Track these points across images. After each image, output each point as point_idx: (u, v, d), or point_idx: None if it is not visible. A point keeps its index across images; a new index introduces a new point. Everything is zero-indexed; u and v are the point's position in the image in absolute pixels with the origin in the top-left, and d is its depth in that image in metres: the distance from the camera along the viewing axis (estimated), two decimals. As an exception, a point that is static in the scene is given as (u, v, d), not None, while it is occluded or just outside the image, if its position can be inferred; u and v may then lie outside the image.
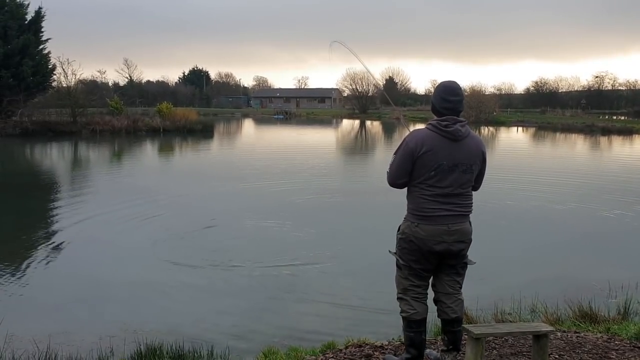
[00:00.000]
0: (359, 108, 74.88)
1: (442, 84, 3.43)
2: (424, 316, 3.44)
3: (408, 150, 3.28)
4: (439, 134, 3.27)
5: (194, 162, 21.68)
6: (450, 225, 3.30)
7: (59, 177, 17.08)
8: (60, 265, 7.44)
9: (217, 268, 7.31)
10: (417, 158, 3.26)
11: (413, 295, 3.43)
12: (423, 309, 3.44)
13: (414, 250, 3.36)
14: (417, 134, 3.32)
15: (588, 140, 35.19)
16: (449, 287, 3.46)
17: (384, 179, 3.53)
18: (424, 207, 3.30)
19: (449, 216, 3.31)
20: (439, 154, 3.25)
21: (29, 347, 4.67)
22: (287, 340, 4.87)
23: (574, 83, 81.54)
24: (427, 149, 3.24)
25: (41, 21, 36.97)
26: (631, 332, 4.26)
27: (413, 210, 3.37)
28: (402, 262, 3.46)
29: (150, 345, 4.52)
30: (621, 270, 7.15)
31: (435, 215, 3.29)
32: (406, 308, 3.44)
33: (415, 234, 3.33)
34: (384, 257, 7.75)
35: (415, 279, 3.43)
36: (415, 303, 3.42)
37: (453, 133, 3.26)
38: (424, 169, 3.27)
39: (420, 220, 3.32)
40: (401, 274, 3.49)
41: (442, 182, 3.28)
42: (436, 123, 3.30)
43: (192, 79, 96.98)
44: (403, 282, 3.48)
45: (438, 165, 3.25)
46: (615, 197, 12.73)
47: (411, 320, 3.42)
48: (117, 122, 34.38)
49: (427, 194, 3.30)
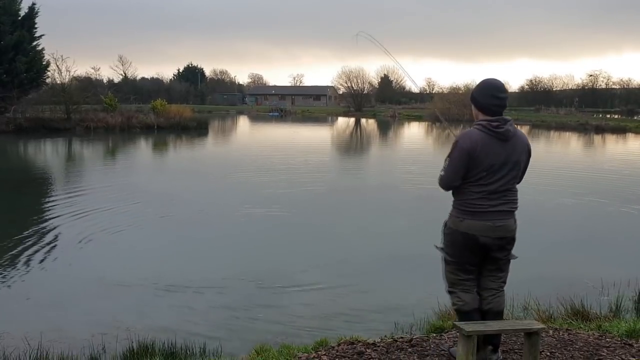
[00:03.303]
0: (354, 106, 74.85)
1: (489, 82, 3.44)
2: (474, 307, 3.51)
3: (464, 153, 3.31)
4: (489, 134, 3.31)
5: (188, 159, 21.60)
6: (495, 222, 3.37)
7: (51, 174, 17.00)
8: (51, 262, 7.40)
9: (209, 265, 7.29)
10: (472, 159, 3.30)
11: (462, 288, 3.51)
12: (472, 299, 3.52)
13: (460, 245, 3.44)
14: (469, 136, 3.34)
15: (581, 138, 35.32)
16: (490, 282, 3.55)
17: (380, 176, 3.54)
18: (471, 203, 3.37)
19: (495, 212, 3.38)
20: (491, 155, 3.30)
21: (20, 345, 4.65)
22: (280, 337, 4.87)
23: (568, 81, 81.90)
24: (481, 150, 3.29)
25: (35, 17, 36.69)
26: (622, 330, 4.27)
27: (460, 206, 3.43)
28: (449, 257, 3.51)
29: (143, 342, 4.52)
30: (613, 267, 7.18)
31: (482, 212, 3.36)
32: (456, 300, 3.53)
33: (461, 229, 3.40)
34: (376, 254, 7.79)
35: (462, 273, 3.50)
36: (464, 295, 3.50)
37: (504, 134, 3.31)
38: (476, 170, 3.33)
39: (467, 215, 3.38)
40: (449, 268, 3.55)
41: (492, 180, 3.34)
42: (486, 124, 3.32)
43: (186, 76, 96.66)
44: (451, 277, 3.55)
45: (490, 166, 3.32)
46: (608, 195, 12.79)
47: (462, 312, 3.51)
48: (111, 119, 34.27)
49: (475, 191, 3.36)
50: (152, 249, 8.09)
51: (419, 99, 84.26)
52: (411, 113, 64.54)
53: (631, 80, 78.61)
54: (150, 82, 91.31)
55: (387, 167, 18.83)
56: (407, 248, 8.15)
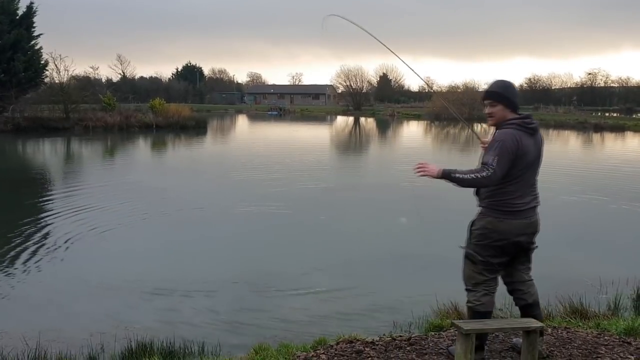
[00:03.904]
0: (353, 105, 74.81)
1: (509, 82, 3.59)
2: (490, 309, 3.57)
3: (510, 150, 3.35)
4: (524, 131, 3.42)
5: (187, 158, 21.58)
6: (530, 218, 3.50)
7: (50, 173, 16.99)
8: (49, 261, 7.38)
9: (207, 264, 7.29)
10: (517, 158, 3.36)
11: (484, 289, 3.55)
12: (490, 302, 3.58)
13: (495, 245, 3.47)
14: (511, 134, 3.38)
15: (580, 136, 35.34)
16: (525, 275, 3.66)
17: (378, 175, 3.54)
18: (511, 202, 3.43)
19: (529, 209, 3.49)
20: (529, 152, 3.42)
21: (18, 345, 4.65)
22: (278, 336, 4.87)
23: (567, 80, 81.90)
24: (522, 147, 3.38)
25: (33, 16, 36.64)
26: (620, 328, 4.28)
27: (499, 206, 3.45)
28: (480, 257, 3.52)
29: (141, 341, 4.52)
30: (612, 265, 7.19)
31: (521, 210, 3.45)
32: (473, 300, 3.57)
33: (499, 229, 3.44)
34: (373, 253, 7.79)
35: (488, 273, 3.54)
36: (485, 297, 3.55)
37: (535, 129, 3.47)
38: (518, 168, 3.39)
39: (507, 215, 3.44)
40: (475, 268, 3.56)
41: (527, 176, 3.45)
42: (521, 122, 3.43)
43: (185, 75, 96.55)
44: (476, 277, 3.57)
45: (529, 162, 3.43)
46: (607, 193, 12.80)
47: (476, 312, 3.55)
48: (109, 118, 34.22)
49: (512, 189, 3.42)
50: (150, 248, 8.08)
51: (417, 98, 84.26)
52: (410, 112, 64.53)
53: (630, 79, 78.68)
54: (149, 81, 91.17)
55: (385, 165, 18.83)
56: (405, 247, 8.15)
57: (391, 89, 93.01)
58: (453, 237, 8.92)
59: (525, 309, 3.68)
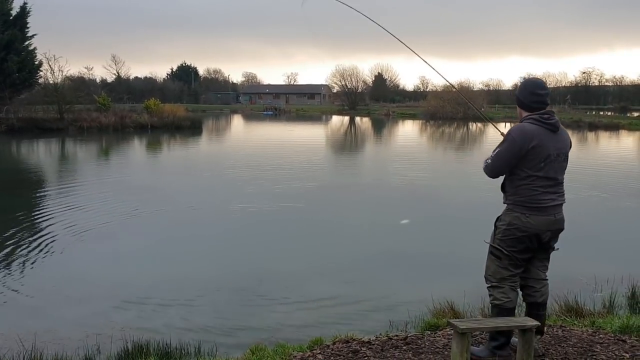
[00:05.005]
0: (349, 104, 74.81)
1: (530, 81, 3.66)
2: (514, 305, 3.60)
3: (516, 146, 3.42)
4: (543, 126, 3.44)
5: (182, 158, 21.54)
6: (556, 215, 3.53)
7: (44, 174, 16.92)
8: (45, 262, 7.36)
9: (205, 265, 7.28)
10: (527, 152, 3.40)
11: (510, 284, 3.58)
12: (516, 297, 3.61)
13: (521, 240, 3.50)
14: (523, 130, 3.44)
15: (575, 135, 35.45)
16: (541, 272, 3.68)
17: (373, 174, 3.55)
18: (536, 198, 3.46)
19: (555, 205, 3.52)
20: (547, 146, 3.43)
21: (14, 346, 4.62)
22: (275, 336, 4.86)
23: (561, 79, 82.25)
24: (537, 142, 3.40)
25: (26, 17, 36.54)
26: (615, 326, 4.30)
27: (524, 202, 3.48)
28: (506, 252, 3.54)
29: (137, 342, 4.51)
30: (607, 264, 7.21)
31: (547, 206, 3.47)
32: (500, 296, 3.57)
33: (526, 224, 3.47)
34: (371, 252, 7.80)
35: (514, 268, 3.57)
36: (511, 292, 3.57)
37: (555, 125, 3.47)
38: (534, 162, 3.42)
39: (532, 211, 3.46)
40: (500, 263, 3.59)
41: (550, 172, 3.46)
42: (538, 117, 3.46)
43: (180, 75, 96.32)
44: (502, 272, 3.58)
45: (547, 156, 3.43)
46: (602, 191, 12.85)
47: (504, 308, 3.56)
48: (104, 118, 34.13)
49: (537, 185, 3.45)
50: (146, 248, 8.06)
51: (413, 98, 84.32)
52: (405, 111, 64.59)
53: (624, 78, 79.28)
54: (144, 81, 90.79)
55: (381, 164, 18.84)
56: (402, 246, 8.16)
57: (386, 88, 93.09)
58: (450, 237, 8.96)
59: (532, 307, 3.69)
